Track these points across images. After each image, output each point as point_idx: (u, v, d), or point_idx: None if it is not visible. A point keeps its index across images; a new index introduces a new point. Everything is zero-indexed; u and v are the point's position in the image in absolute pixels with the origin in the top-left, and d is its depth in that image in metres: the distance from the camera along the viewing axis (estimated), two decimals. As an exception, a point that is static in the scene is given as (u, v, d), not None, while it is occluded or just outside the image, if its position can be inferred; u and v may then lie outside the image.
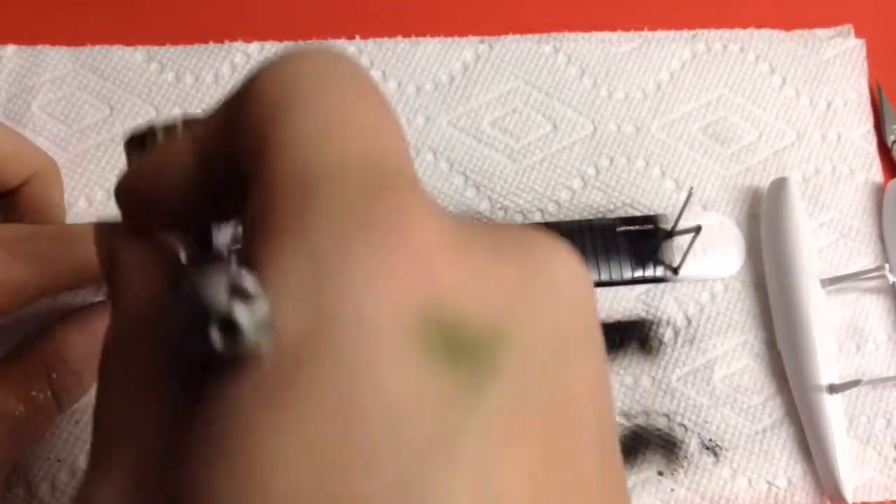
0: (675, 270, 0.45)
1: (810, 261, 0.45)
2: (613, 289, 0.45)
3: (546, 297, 0.17)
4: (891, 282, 0.45)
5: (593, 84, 0.49)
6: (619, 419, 0.43)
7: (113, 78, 0.46)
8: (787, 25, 0.52)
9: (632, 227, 0.46)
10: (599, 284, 0.45)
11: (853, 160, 0.49)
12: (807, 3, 0.53)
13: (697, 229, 0.43)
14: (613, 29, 0.50)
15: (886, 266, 0.43)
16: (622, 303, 0.45)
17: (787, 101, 0.50)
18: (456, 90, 0.48)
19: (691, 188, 0.43)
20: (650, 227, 0.46)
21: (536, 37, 0.50)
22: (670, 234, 0.46)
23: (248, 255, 0.16)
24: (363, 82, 0.18)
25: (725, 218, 0.47)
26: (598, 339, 0.19)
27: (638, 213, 0.47)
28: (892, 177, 0.50)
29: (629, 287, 0.46)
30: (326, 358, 0.14)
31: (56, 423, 0.41)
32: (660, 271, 0.45)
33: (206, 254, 0.22)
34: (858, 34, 0.52)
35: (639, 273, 0.45)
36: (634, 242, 0.46)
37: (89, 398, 0.41)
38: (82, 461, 0.41)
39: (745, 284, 0.46)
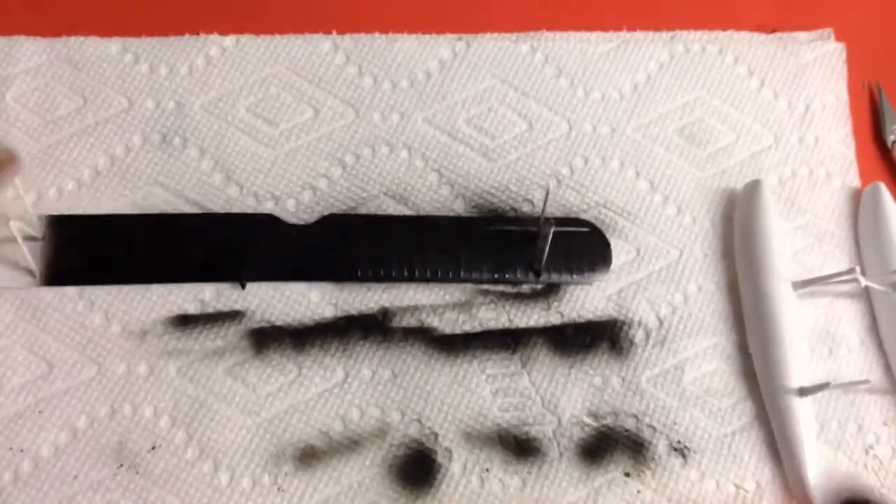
0: (537, 273, 0.45)
1: (782, 263, 0.44)
2: (585, 289, 0.45)
3: None
4: (863, 285, 0.44)
5: (570, 84, 0.49)
6: (587, 419, 0.43)
7: (87, 69, 0.46)
8: (767, 28, 0.51)
9: (503, 227, 0.46)
10: (462, 280, 0.45)
11: (830, 164, 0.49)
12: (790, 6, 0.53)
13: (544, 235, 0.42)
14: (591, 29, 0.50)
15: (857, 269, 0.43)
16: (594, 302, 0.45)
17: (765, 104, 0.50)
18: (432, 87, 0.48)
19: (548, 187, 0.43)
20: (520, 228, 0.45)
21: (514, 35, 0.50)
22: (535, 236, 0.45)
23: None
24: None
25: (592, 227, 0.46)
26: None
27: (610, 213, 0.47)
28: (889, 176, 0.49)
29: (600, 287, 0.45)
30: None
31: None
32: (521, 273, 0.45)
33: None
34: (849, 37, 0.51)
35: (500, 274, 0.45)
36: (503, 242, 0.45)
37: (50, 391, 0.41)
38: (45, 451, 0.40)
39: (718, 286, 0.46)
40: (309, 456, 0.41)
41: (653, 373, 0.44)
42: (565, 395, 0.43)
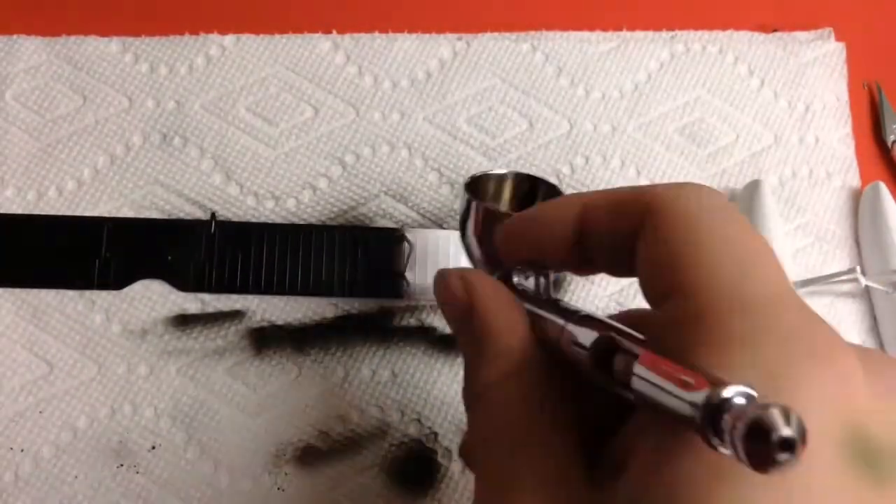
0: (402, 275, 0.44)
1: (782, 263, 0.44)
2: (586, 287, 0.45)
3: None
4: (863, 285, 0.44)
5: (570, 83, 0.49)
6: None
7: (87, 68, 0.46)
8: (767, 28, 0.51)
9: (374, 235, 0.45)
10: (329, 294, 0.44)
11: (830, 164, 0.49)
12: (790, 6, 0.53)
13: (399, 239, 0.44)
14: (592, 28, 0.50)
15: (858, 269, 0.43)
16: (594, 301, 0.45)
17: (765, 104, 0.50)
18: (432, 87, 0.48)
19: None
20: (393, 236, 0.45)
21: (514, 35, 0.49)
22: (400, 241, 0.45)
23: (686, 349, 0.19)
24: (746, 219, 0.22)
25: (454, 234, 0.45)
26: None
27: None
28: (889, 176, 0.49)
29: (602, 286, 0.45)
30: None
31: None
32: (390, 285, 0.44)
33: (537, 294, 0.26)
34: (849, 37, 0.51)
35: (374, 284, 0.44)
36: (374, 251, 0.45)
37: (50, 391, 0.41)
38: (46, 451, 0.41)
39: (718, 286, 0.46)
40: (309, 456, 0.41)
41: (653, 372, 0.44)
42: (565, 394, 0.43)
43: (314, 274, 0.44)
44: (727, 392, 0.15)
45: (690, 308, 0.19)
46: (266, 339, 0.43)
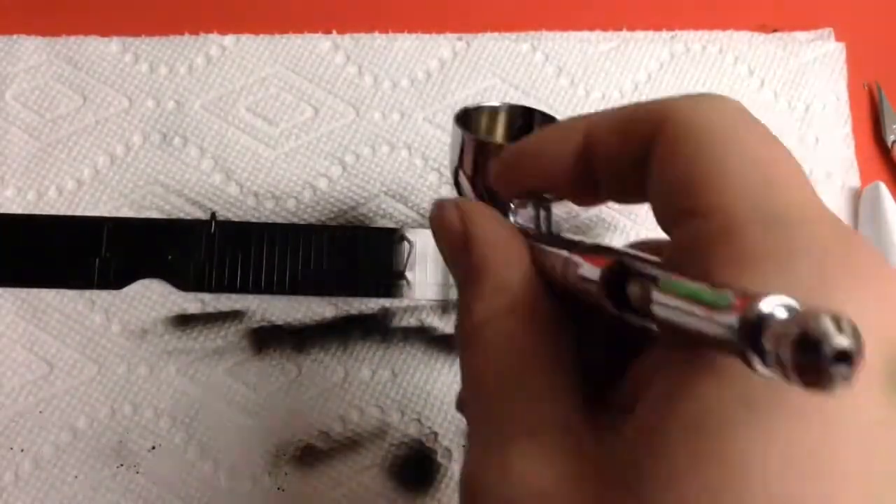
0: (402, 275, 0.44)
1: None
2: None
3: None
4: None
5: (570, 83, 0.49)
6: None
7: (87, 68, 0.46)
8: (767, 28, 0.51)
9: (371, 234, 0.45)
10: (314, 293, 0.44)
11: (831, 164, 0.49)
12: (790, 6, 0.53)
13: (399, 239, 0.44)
14: (592, 28, 0.50)
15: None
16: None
17: (766, 104, 0.50)
18: (432, 87, 0.48)
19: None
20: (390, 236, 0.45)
21: (514, 35, 0.49)
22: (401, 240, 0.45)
23: (711, 269, 0.17)
24: (768, 129, 0.20)
25: None
26: None
27: (611, 212, 0.47)
28: (889, 176, 0.49)
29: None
30: None
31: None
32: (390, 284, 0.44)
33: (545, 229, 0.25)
34: (849, 37, 0.51)
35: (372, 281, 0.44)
36: (374, 251, 0.45)
37: (50, 391, 0.41)
38: (46, 451, 0.41)
39: (718, 286, 0.46)
40: (309, 456, 0.41)
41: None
42: (565, 394, 0.43)
43: (314, 274, 0.44)
44: (767, 303, 0.14)
45: (714, 226, 0.18)
46: (266, 339, 0.43)
